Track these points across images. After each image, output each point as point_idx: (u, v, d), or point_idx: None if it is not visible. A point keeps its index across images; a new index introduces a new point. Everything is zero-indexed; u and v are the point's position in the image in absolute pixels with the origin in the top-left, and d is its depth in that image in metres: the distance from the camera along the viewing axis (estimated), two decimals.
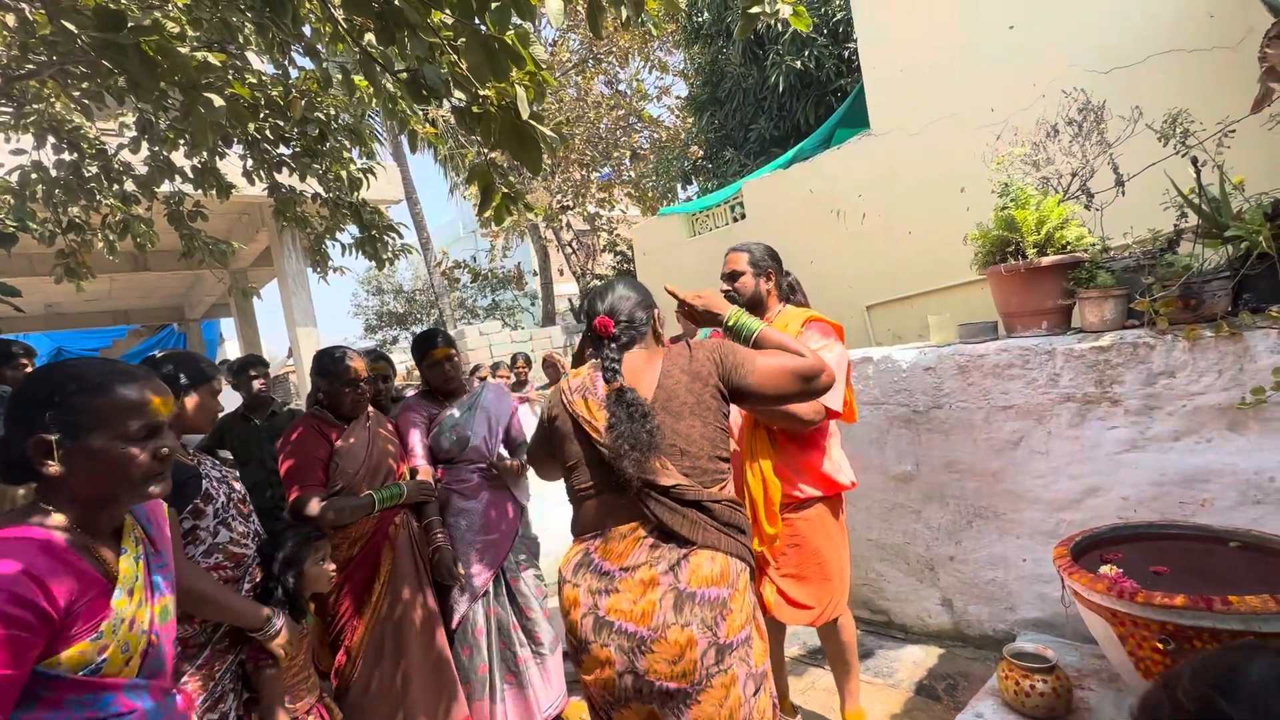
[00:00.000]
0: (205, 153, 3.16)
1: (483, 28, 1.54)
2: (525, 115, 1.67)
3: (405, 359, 11.56)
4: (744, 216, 6.35)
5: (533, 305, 17.53)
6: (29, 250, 5.87)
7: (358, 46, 1.95)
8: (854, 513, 2.75)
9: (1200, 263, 1.99)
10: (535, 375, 6.75)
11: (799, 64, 7.34)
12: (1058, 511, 2.28)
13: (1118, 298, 2.12)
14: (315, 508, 2.03)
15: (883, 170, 4.91)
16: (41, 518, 0.98)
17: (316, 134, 3.17)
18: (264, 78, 2.95)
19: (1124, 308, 2.14)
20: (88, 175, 3.38)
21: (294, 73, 3.04)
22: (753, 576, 1.43)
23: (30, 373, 1.00)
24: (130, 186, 3.50)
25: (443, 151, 11.73)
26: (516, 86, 1.68)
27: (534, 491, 2.69)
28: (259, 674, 1.64)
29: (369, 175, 3.60)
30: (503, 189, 2.18)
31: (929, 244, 4.55)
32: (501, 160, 5.31)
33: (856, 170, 5.12)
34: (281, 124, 3.11)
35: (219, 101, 2.13)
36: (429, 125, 3.58)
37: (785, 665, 2.32)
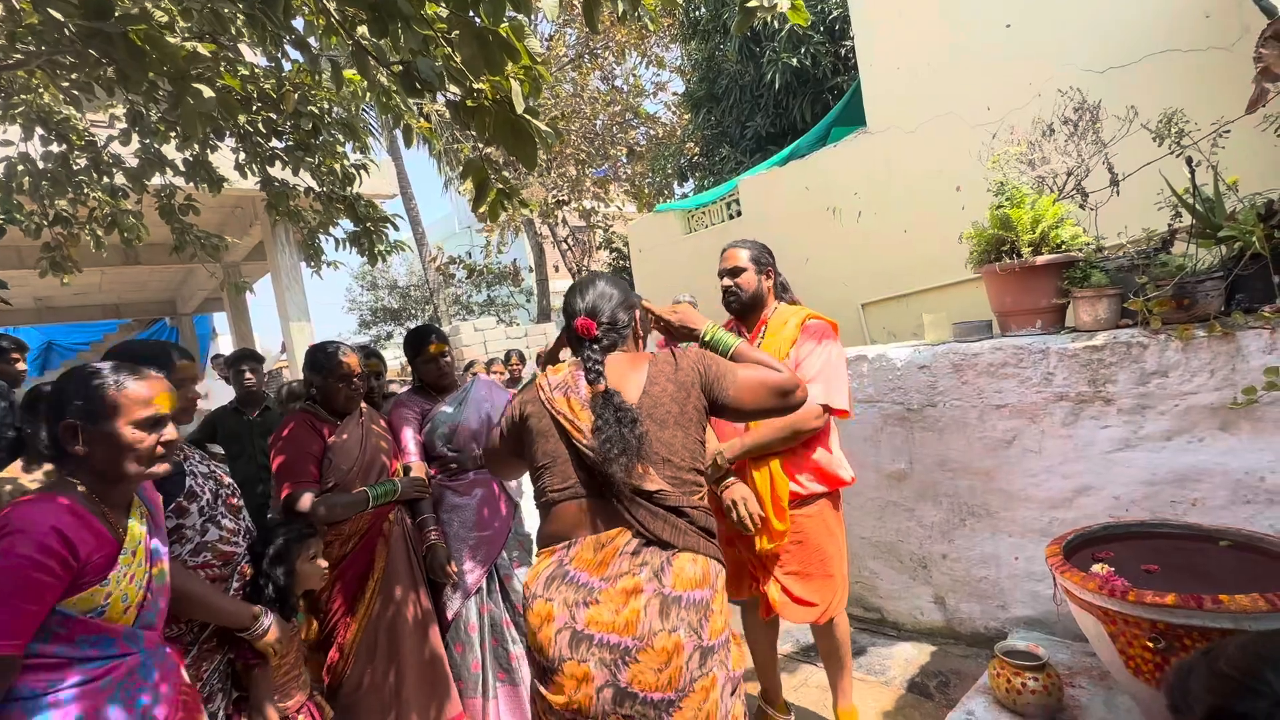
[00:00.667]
0: (196, 145, 3.13)
1: (477, 20, 1.53)
2: (520, 110, 1.66)
3: (398, 355, 11.51)
4: (740, 214, 6.35)
5: (528, 301, 17.48)
6: (18, 243, 5.80)
7: (351, 39, 1.93)
8: (848, 510, 2.75)
9: (1194, 263, 2.00)
10: (530, 372, 6.73)
11: (795, 61, 7.33)
12: (1050, 510, 2.29)
13: (1111, 297, 2.12)
14: (308, 503, 2.02)
15: (879, 168, 4.91)
16: (68, 489, 1.20)
17: (310, 128, 3.14)
18: (256, 70, 2.92)
19: (1118, 307, 2.14)
20: (76, 168, 3.34)
21: (287, 66, 3.01)
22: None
23: (63, 374, 1.30)
24: (120, 179, 3.46)
25: (438, 146, 11.65)
26: (511, 81, 1.66)
27: (526, 490, 2.67)
28: (248, 672, 1.63)
29: (363, 170, 3.57)
30: (498, 185, 2.16)
31: (924, 242, 4.55)
32: (497, 156, 5.27)
33: (852, 168, 5.12)
34: (274, 117, 3.08)
35: (208, 92, 2.10)
36: (423, 120, 3.56)
37: (778, 663, 2.32)
